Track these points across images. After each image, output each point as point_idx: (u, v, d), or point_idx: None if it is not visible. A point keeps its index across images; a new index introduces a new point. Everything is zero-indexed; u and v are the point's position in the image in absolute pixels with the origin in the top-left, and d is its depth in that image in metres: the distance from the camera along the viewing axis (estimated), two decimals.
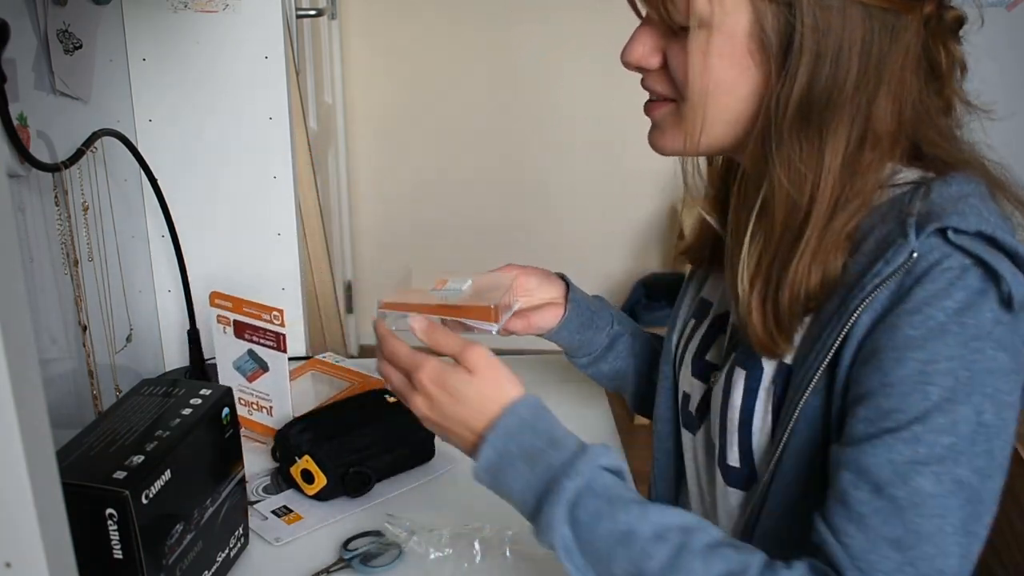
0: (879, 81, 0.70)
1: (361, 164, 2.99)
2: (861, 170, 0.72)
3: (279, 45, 1.28)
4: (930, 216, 0.68)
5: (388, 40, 2.88)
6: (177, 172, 1.31)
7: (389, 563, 0.89)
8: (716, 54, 0.72)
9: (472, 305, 0.86)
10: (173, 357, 1.40)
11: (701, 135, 0.76)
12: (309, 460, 0.97)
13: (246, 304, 1.08)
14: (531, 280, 1.01)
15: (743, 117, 0.74)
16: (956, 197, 0.70)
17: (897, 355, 0.66)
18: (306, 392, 1.24)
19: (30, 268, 1.02)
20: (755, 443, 0.79)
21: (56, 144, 1.07)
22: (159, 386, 0.84)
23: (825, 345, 0.71)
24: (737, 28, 0.70)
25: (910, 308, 0.66)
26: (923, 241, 0.67)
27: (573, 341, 1.02)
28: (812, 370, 0.71)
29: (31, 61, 1.02)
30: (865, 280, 0.69)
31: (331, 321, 2.18)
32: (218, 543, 0.84)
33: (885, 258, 0.68)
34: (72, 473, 0.70)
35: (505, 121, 2.93)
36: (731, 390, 0.80)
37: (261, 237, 1.37)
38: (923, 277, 0.66)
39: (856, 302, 0.69)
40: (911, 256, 0.67)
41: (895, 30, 0.70)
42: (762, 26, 0.70)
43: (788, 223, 0.73)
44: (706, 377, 0.89)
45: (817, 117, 0.70)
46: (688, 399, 0.92)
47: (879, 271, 0.68)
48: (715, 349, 0.90)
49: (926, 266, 0.66)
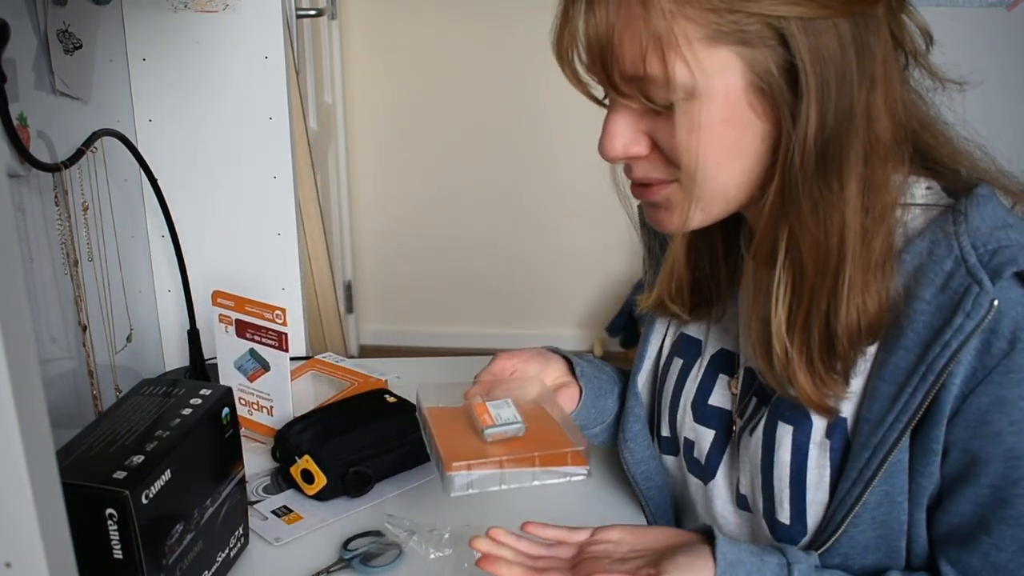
0: (873, 85, 0.66)
1: (361, 164, 2.99)
2: (877, 187, 0.68)
3: (279, 45, 1.28)
4: (995, 256, 0.67)
5: (388, 40, 2.88)
6: (177, 172, 1.31)
7: (389, 563, 0.89)
8: (715, 122, 0.66)
9: (557, 453, 0.78)
10: (173, 357, 1.40)
11: (717, 205, 0.72)
12: (309, 460, 0.97)
13: (248, 303, 1.08)
14: (533, 366, 0.93)
15: (757, 175, 0.70)
16: (999, 222, 0.69)
17: (1016, 428, 0.67)
18: (306, 392, 1.24)
19: (30, 268, 1.02)
20: (810, 499, 0.76)
21: (56, 144, 1.07)
22: (159, 386, 0.84)
23: (909, 405, 0.69)
24: (731, 87, 0.65)
25: (1016, 379, 0.66)
26: (1000, 287, 0.66)
27: (589, 416, 0.95)
28: (896, 431, 0.70)
29: (31, 61, 1.02)
30: (947, 336, 0.67)
31: (331, 321, 2.18)
32: (218, 543, 0.84)
33: (964, 310, 0.66)
34: (72, 473, 0.70)
35: (506, 120, 2.93)
36: (776, 447, 0.77)
37: (261, 237, 1.37)
38: (1016, 341, 0.65)
39: (943, 362, 0.67)
40: (992, 305, 0.65)
41: (873, 22, 0.66)
42: (759, 75, 0.65)
43: (823, 269, 0.69)
44: (716, 423, 0.86)
45: (836, 152, 0.66)
46: (692, 446, 0.88)
47: (961, 326, 0.66)
48: (719, 393, 0.86)
49: (1013, 327, 0.65)
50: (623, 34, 0.65)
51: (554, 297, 3.11)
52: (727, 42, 0.64)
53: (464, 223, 3.04)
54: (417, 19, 2.84)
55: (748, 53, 0.64)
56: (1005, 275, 0.66)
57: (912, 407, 0.69)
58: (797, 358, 0.72)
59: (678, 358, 0.91)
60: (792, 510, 0.77)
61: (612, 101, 0.70)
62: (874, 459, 0.71)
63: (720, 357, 0.87)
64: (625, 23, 0.64)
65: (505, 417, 0.80)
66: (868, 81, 0.65)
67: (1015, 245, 0.67)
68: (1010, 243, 0.68)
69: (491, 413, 0.81)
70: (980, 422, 0.68)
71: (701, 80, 0.64)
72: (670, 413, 0.91)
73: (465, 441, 0.80)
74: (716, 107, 0.66)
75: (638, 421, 0.94)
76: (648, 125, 0.69)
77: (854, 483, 0.73)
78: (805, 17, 0.63)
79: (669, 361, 0.92)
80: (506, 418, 0.80)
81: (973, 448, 0.69)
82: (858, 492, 0.72)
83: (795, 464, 0.76)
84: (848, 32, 0.64)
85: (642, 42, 0.64)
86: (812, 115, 0.65)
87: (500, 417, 0.80)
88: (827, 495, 0.75)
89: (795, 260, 0.70)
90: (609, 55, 0.66)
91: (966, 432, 0.69)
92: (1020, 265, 0.66)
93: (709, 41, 0.63)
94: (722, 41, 0.64)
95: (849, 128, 0.66)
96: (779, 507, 0.78)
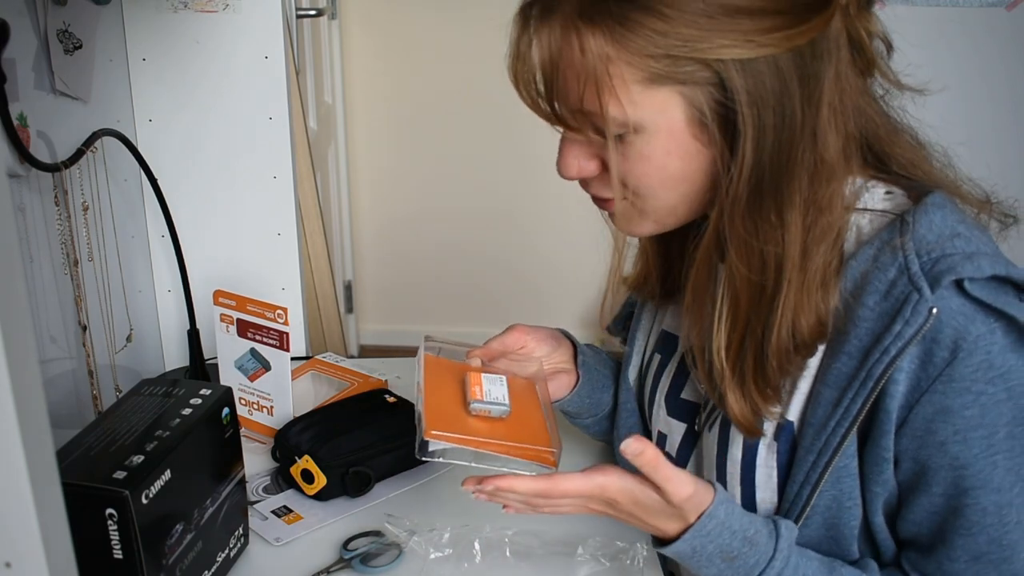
0: (819, 108, 0.67)
1: (361, 164, 2.99)
2: (823, 207, 0.69)
3: (279, 45, 1.28)
4: (937, 264, 0.67)
5: (388, 40, 2.88)
6: (177, 172, 1.31)
7: (389, 563, 0.89)
8: (659, 154, 0.69)
9: (529, 448, 0.78)
10: (173, 357, 1.40)
11: (669, 218, 0.74)
12: (309, 460, 0.98)
13: (250, 302, 1.08)
14: (544, 347, 0.95)
15: (704, 195, 0.72)
16: (946, 231, 0.69)
17: (960, 437, 0.68)
18: (306, 392, 1.24)
19: (30, 268, 1.02)
20: (759, 497, 0.78)
21: (56, 144, 1.07)
22: (159, 386, 0.84)
23: (850, 411, 0.70)
24: (673, 122, 0.67)
25: (959, 388, 0.67)
26: (939, 296, 0.66)
27: (583, 405, 0.98)
28: (837, 435, 0.71)
29: (31, 61, 1.02)
30: (886, 342, 0.68)
31: (331, 321, 2.18)
32: (218, 543, 0.84)
33: (903, 317, 0.67)
34: (72, 473, 0.70)
35: (506, 120, 2.92)
36: (729, 443, 0.79)
37: (261, 237, 1.37)
38: (958, 351, 0.66)
39: (882, 367, 0.68)
40: (931, 313, 0.66)
41: (822, 47, 0.66)
42: (699, 110, 0.66)
43: (758, 301, 0.71)
44: (687, 417, 0.87)
45: (772, 187, 0.68)
46: (664, 439, 0.90)
47: (900, 333, 0.67)
48: (691, 386, 0.88)
49: (954, 336, 0.66)
50: (565, 72, 0.68)
51: (554, 297, 3.11)
52: (666, 83, 0.66)
53: (464, 223, 3.04)
54: (417, 19, 2.84)
55: (688, 91, 0.66)
56: (944, 283, 0.66)
57: (852, 412, 0.70)
58: (729, 378, 0.74)
59: (657, 354, 0.93)
60: (743, 507, 0.78)
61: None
62: (819, 463, 0.73)
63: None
64: (567, 62, 0.68)
65: (494, 395, 0.81)
66: (814, 106, 0.66)
67: (958, 254, 0.67)
68: (954, 252, 0.68)
69: (483, 387, 0.82)
70: (926, 432, 0.69)
71: (641, 117, 0.67)
72: (649, 408, 0.93)
73: (450, 408, 0.81)
74: (660, 141, 0.68)
75: (632, 415, 0.96)
76: (599, 150, 0.72)
77: (801, 486, 0.74)
78: (743, 59, 0.64)
79: (651, 357, 0.94)
80: (495, 396, 0.81)
81: (921, 458, 0.70)
82: (806, 495, 0.74)
83: (745, 463, 0.78)
84: (790, 65, 0.65)
85: (581, 83, 0.67)
86: (748, 153, 0.66)
87: (490, 394, 0.81)
88: (775, 495, 0.77)
89: (732, 290, 0.72)
90: (552, 89, 0.69)
91: (914, 442, 0.70)
92: (959, 274, 0.66)
93: (648, 83, 0.66)
94: (661, 83, 0.66)
95: (791, 156, 0.67)
96: None
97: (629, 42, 0.65)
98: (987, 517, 0.70)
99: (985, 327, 0.66)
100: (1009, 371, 0.67)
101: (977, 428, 0.68)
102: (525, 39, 0.70)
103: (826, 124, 0.67)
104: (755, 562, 0.74)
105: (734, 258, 0.70)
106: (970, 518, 0.70)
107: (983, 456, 0.68)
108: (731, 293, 0.72)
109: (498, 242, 3.05)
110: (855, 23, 0.69)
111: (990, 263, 0.67)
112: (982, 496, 0.69)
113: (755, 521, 0.75)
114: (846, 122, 0.69)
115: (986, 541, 0.70)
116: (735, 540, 0.73)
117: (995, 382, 0.67)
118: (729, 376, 0.74)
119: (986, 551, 0.71)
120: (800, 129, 0.66)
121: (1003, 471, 0.69)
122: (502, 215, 3.03)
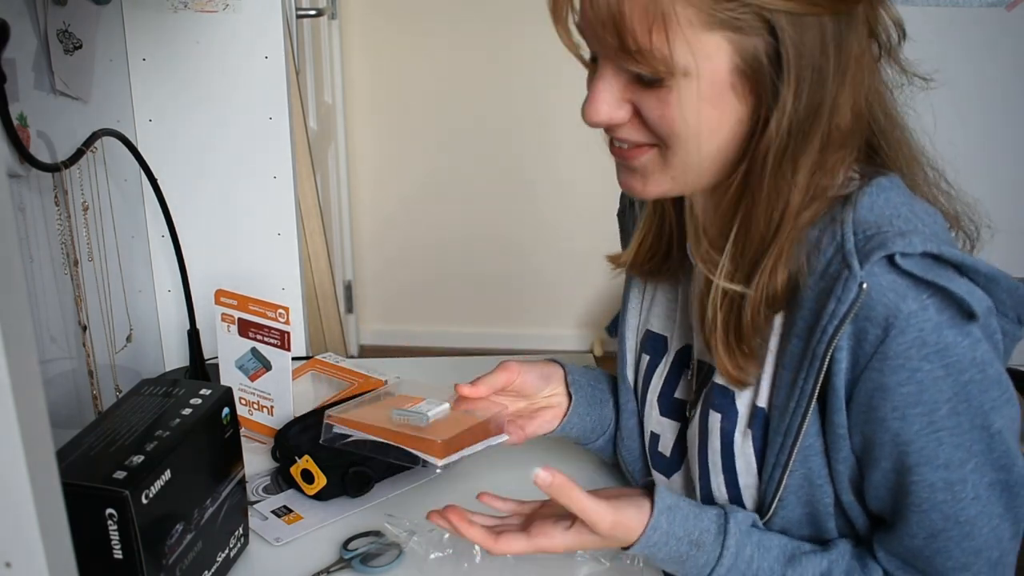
0: (844, 78, 0.69)
1: (361, 164, 2.99)
2: (826, 170, 0.71)
3: (279, 45, 1.28)
4: (870, 241, 0.68)
5: (388, 40, 2.88)
6: (177, 172, 1.31)
7: (389, 563, 0.89)
8: (700, 100, 0.69)
9: (420, 436, 0.80)
10: (173, 357, 1.40)
11: (689, 175, 0.74)
12: (309, 460, 0.97)
13: (252, 302, 1.08)
14: (533, 379, 0.92)
15: (731, 154, 0.72)
16: (887, 212, 0.70)
17: (898, 414, 0.68)
18: (306, 392, 1.24)
19: (30, 268, 1.02)
20: (742, 483, 0.79)
21: (56, 144, 1.07)
22: (159, 386, 0.84)
23: (804, 391, 0.71)
24: (717, 69, 0.68)
25: (893, 365, 0.67)
26: (869, 270, 0.67)
27: (585, 426, 0.96)
28: (797, 416, 0.73)
29: (31, 61, 1.02)
30: (824, 321, 0.69)
31: (331, 321, 2.18)
32: (218, 543, 0.84)
33: (836, 295, 0.68)
34: (72, 473, 0.70)
35: (506, 120, 2.93)
36: (708, 434, 0.80)
37: (261, 237, 1.37)
38: (890, 328, 0.66)
39: (823, 347, 0.69)
40: (861, 288, 0.66)
41: (853, 20, 0.68)
42: (745, 60, 0.67)
43: (762, 247, 0.72)
44: (679, 416, 0.88)
45: (799, 140, 0.69)
46: (657, 439, 0.90)
47: (834, 311, 0.68)
48: (683, 386, 0.88)
49: (886, 313, 0.66)
50: (633, 7, 0.67)
51: (554, 297, 3.11)
52: (721, 28, 0.66)
53: (464, 223, 3.04)
54: (417, 19, 2.84)
55: (738, 40, 0.67)
56: (874, 259, 0.67)
57: (807, 392, 0.71)
58: (719, 324, 0.75)
59: (645, 354, 0.93)
60: (729, 495, 0.80)
61: (601, 67, 0.72)
62: (785, 444, 0.74)
63: (684, 353, 0.89)
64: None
65: (422, 409, 0.83)
66: (840, 76, 0.68)
67: (891, 231, 0.68)
68: (888, 229, 0.68)
69: (415, 404, 0.85)
70: (868, 408, 0.70)
71: (699, 59, 0.67)
72: (640, 408, 0.93)
73: (373, 411, 0.85)
74: (702, 87, 0.68)
75: (632, 416, 0.95)
76: (632, 94, 0.71)
77: (773, 468, 0.76)
78: (794, 12, 0.65)
79: (639, 358, 0.94)
80: (420, 409, 0.83)
81: (867, 433, 0.71)
82: (778, 476, 0.75)
83: (725, 452, 0.79)
84: (831, 29, 0.67)
85: (649, 19, 0.66)
86: (788, 102, 0.67)
87: (416, 409, 0.83)
88: (756, 479, 0.78)
89: (745, 232, 0.73)
90: (619, 24, 0.67)
91: (860, 417, 0.71)
92: (889, 249, 0.66)
93: (705, 26, 0.66)
94: (716, 27, 0.66)
95: (815, 119, 0.68)
96: (716, 492, 0.81)
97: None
98: (936, 493, 0.70)
99: (917, 304, 0.66)
100: (946, 348, 0.66)
101: (916, 405, 0.68)
102: None
103: (847, 96, 0.69)
104: (704, 562, 0.77)
105: (756, 204, 0.71)
106: (919, 495, 0.70)
107: (925, 433, 0.68)
108: (738, 243, 0.73)
109: (498, 242, 3.05)
110: (875, 8, 0.71)
111: (922, 240, 0.67)
112: (928, 472, 0.69)
113: (704, 519, 0.77)
114: (860, 100, 0.71)
115: (941, 518, 0.71)
116: (681, 545, 0.77)
117: (930, 359, 0.66)
118: (717, 319, 0.75)
119: (942, 528, 0.71)
120: (827, 93, 0.68)
121: (950, 447, 0.69)
122: (502, 215, 3.03)
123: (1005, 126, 2.62)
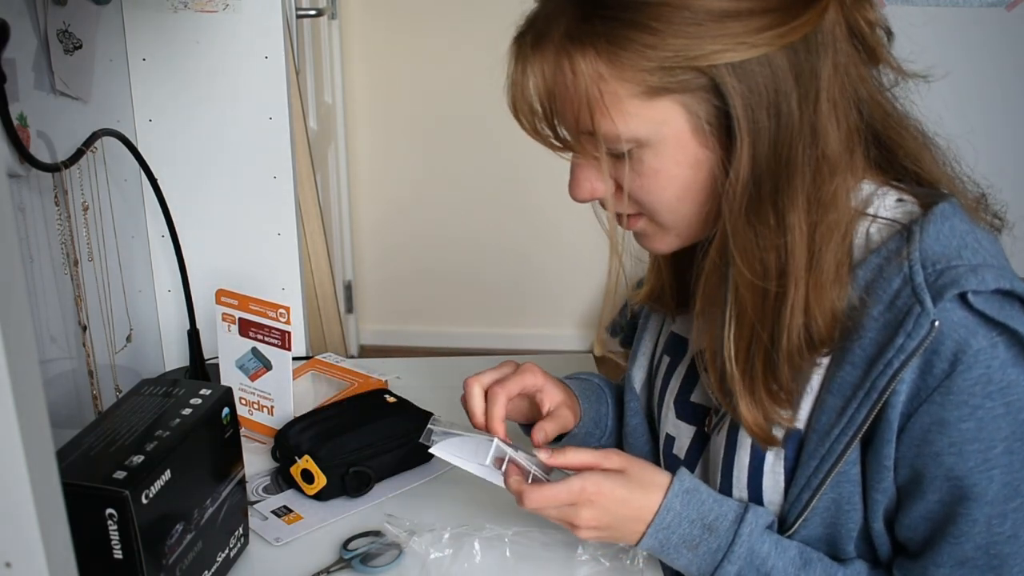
0: (817, 103, 0.66)
1: (361, 164, 2.99)
2: (827, 203, 0.69)
3: (279, 45, 1.28)
4: (941, 276, 0.67)
5: (388, 40, 2.87)
6: (177, 172, 1.31)
7: (389, 563, 0.89)
8: (669, 164, 0.69)
9: None
10: (173, 357, 1.40)
11: (690, 231, 0.74)
12: (309, 460, 0.98)
13: (252, 301, 1.08)
14: (557, 392, 0.92)
15: (718, 204, 0.71)
16: (953, 243, 0.69)
17: (955, 449, 0.68)
18: (306, 392, 1.24)
19: (30, 268, 1.02)
20: (766, 500, 0.78)
21: (56, 144, 1.07)
22: (159, 386, 0.84)
23: (854, 420, 0.70)
24: (679, 131, 0.68)
25: (956, 401, 0.67)
26: (942, 308, 0.66)
27: (586, 424, 0.96)
28: (841, 443, 0.71)
29: (31, 61, 1.02)
30: (889, 355, 0.67)
31: (331, 321, 2.18)
32: (218, 543, 0.84)
33: (906, 330, 0.67)
34: (72, 473, 0.70)
35: (506, 120, 2.92)
36: (736, 447, 0.79)
37: (261, 237, 1.37)
38: (957, 363, 0.66)
39: (886, 380, 0.68)
40: (933, 326, 0.66)
41: (818, 42, 0.66)
42: (701, 116, 0.67)
43: (763, 307, 0.71)
44: (696, 420, 0.87)
45: (771, 189, 0.67)
46: (672, 442, 0.90)
47: (903, 346, 0.67)
48: (701, 389, 0.87)
49: (955, 348, 0.66)
50: (562, 96, 0.69)
51: (554, 297, 3.11)
52: (664, 94, 0.66)
53: (464, 224, 3.04)
54: (417, 19, 2.84)
55: (686, 100, 0.66)
56: (947, 296, 0.66)
57: (857, 422, 0.70)
58: (740, 384, 0.74)
59: (666, 356, 0.92)
60: None
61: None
62: (821, 468, 0.73)
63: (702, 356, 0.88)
64: (561, 87, 0.69)
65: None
66: (811, 102, 0.66)
67: (963, 266, 0.67)
68: (959, 264, 0.68)
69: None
70: (922, 441, 0.69)
71: (643, 130, 0.67)
72: (658, 410, 0.92)
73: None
74: (669, 151, 0.68)
75: (636, 416, 0.95)
76: (611, 169, 0.72)
77: (803, 489, 0.74)
78: (734, 62, 0.64)
79: (660, 359, 0.93)
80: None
81: (918, 466, 0.70)
82: (807, 498, 0.74)
83: (752, 468, 0.78)
84: (784, 63, 0.65)
85: (575, 103, 0.68)
86: (744, 156, 0.67)
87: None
88: (782, 498, 0.77)
89: (739, 296, 0.72)
90: (551, 115, 0.70)
91: (911, 450, 0.70)
92: (962, 287, 0.66)
93: (646, 96, 0.66)
94: (659, 94, 0.66)
95: (791, 156, 0.67)
96: None
97: (621, 59, 0.66)
98: (976, 527, 0.70)
99: (987, 341, 0.66)
100: (1009, 386, 0.66)
101: (973, 441, 0.67)
102: (519, 69, 0.71)
103: (826, 119, 0.67)
104: (716, 547, 0.76)
105: (738, 263, 0.70)
106: (961, 527, 0.70)
107: (978, 470, 0.68)
108: (737, 299, 0.72)
109: (499, 243, 3.05)
110: (853, 13, 0.69)
111: (995, 276, 0.66)
112: (975, 508, 0.69)
113: (721, 506, 0.77)
114: (847, 115, 0.69)
115: (972, 548, 0.70)
116: (695, 528, 0.76)
117: (993, 396, 0.66)
118: (740, 382, 0.74)
119: (972, 556, 0.70)
120: (799, 127, 0.66)
121: (999, 485, 0.68)
122: (502, 216, 3.03)
123: (1005, 126, 2.62)
